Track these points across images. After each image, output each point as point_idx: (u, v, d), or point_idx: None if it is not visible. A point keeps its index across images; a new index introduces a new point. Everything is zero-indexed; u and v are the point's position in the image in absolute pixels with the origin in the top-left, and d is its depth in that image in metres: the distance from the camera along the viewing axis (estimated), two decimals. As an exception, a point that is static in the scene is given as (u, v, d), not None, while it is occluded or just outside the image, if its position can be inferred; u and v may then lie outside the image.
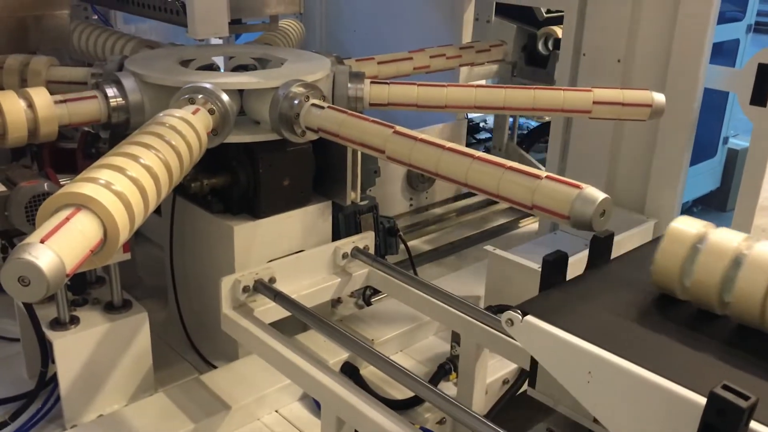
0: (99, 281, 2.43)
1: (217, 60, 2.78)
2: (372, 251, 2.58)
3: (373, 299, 2.92)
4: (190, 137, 1.93)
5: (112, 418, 2.24)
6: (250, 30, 3.19)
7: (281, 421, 2.33)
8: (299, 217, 2.55)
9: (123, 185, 1.56)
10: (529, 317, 1.42)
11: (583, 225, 1.59)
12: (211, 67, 2.68)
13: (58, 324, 2.20)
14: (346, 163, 2.54)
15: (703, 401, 1.16)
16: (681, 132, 2.92)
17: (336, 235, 2.67)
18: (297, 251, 2.51)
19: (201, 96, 2.17)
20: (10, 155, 2.55)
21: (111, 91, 2.28)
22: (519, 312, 1.43)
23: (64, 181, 2.15)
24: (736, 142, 5.96)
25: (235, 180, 2.45)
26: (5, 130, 2.05)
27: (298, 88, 2.28)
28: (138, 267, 2.99)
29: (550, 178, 1.67)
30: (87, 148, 2.54)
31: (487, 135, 4.92)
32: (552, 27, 3.81)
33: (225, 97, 2.19)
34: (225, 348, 2.54)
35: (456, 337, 2.37)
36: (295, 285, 2.39)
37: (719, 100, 5.44)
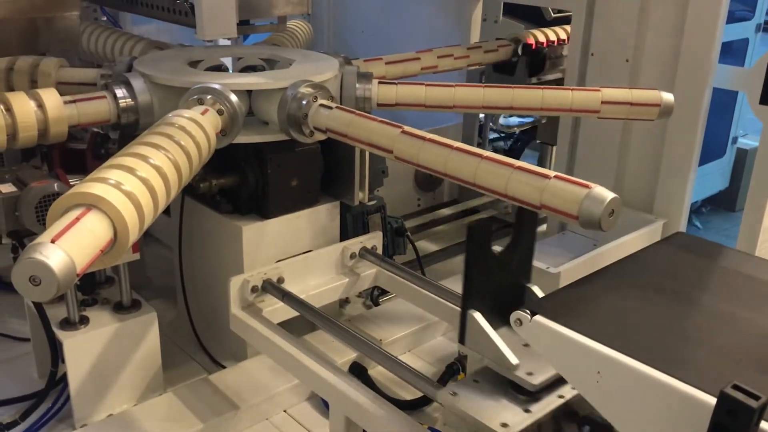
0: (108, 281, 2.44)
1: (226, 61, 2.78)
2: (380, 251, 2.58)
3: (381, 299, 2.92)
4: (199, 138, 1.94)
5: (121, 417, 2.25)
6: (258, 31, 3.19)
7: (290, 421, 2.33)
8: (307, 218, 2.56)
9: (133, 185, 1.57)
10: (538, 317, 1.42)
11: (592, 225, 1.58)
12: (220, 68, 2.68)
13: (68, 324, 2.22)
14: (354, 164, 2.54)
15: (713, 401, 1.15)
16: (690, 132, 2.90)
17: (344, 236, 2.67)
18: (305, 251, 2.52)
19: (210, 97, 2.18)
20: (20, 156, 2.56)
21: (120, 92, 2.29)
22: (528, 312, 1.43)
23: (74, 182, 2.15)
24: (745, 141, 5.95)
25: (244, 180, 2.45)
26: (16, 130, 2.06)
27: (306, 88, 2.29)
28: (147, 267, 3.00)
29: (558, 177, 1.66)
30: (96, 148, 2.54)
31: (494, 135, 4.90)
32: (520, 33, 3.64)
33: (234, 98, 2.20)
34: (233, 348, 2.55)
35: (464, 338, 2.37)
36: (304, 285, 2.40)
37: (728, 99, 5.43)
